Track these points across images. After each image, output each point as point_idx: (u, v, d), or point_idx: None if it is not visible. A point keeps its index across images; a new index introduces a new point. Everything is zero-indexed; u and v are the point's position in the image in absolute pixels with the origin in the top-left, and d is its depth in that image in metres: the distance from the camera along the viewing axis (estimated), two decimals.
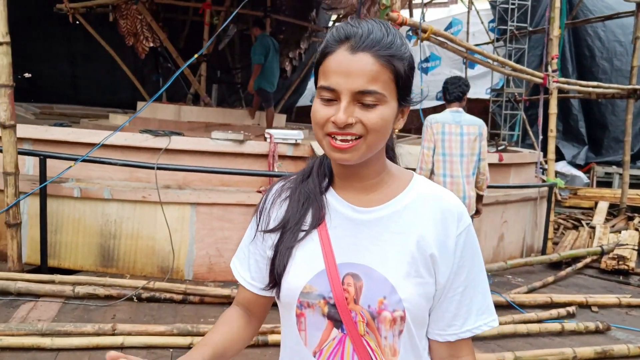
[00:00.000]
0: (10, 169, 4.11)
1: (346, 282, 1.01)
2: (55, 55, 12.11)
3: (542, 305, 4.68)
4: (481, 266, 1.09)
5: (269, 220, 1.12)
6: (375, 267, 1.02)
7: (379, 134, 0.98)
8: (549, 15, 6.59)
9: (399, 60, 0.98)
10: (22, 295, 3.98)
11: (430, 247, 1.03)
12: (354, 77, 0.95)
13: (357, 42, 0.96)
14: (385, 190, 1.08)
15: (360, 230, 1.05)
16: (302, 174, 1.14)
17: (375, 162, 1.06)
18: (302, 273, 1.04)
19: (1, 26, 3.91)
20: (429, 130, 4.21)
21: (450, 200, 1.08)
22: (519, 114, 10.77)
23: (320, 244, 1.04)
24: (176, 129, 6.57)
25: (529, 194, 6.53)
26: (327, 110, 0.98)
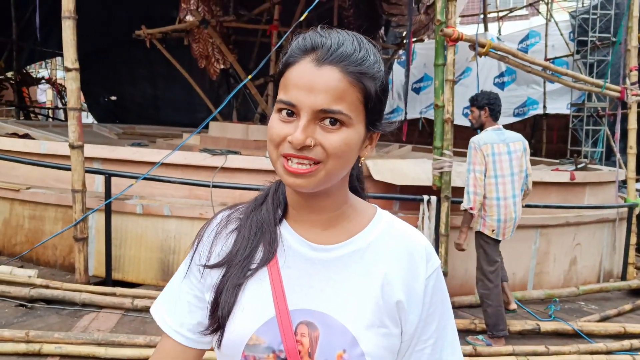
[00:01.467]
0: (78, 186, 4.38)
1: (299, 332, 0.88)
2: (138, 78, 12.90)
3: (613, 336, 4.34)
4: (450, 313, 0.98)
5: (209, 255, 0.95)
6: (333, 314, 0.88)
7: (340, 160, 0.85)
8: (626, 25, 6.19)
9: (371, 80, 0.86)
10: (86, 306, 4.21)
11: (396, 292, 0.91)
12: (316, 93, 0.82)
13: (323, 54, 0.84)
14: (346, 225, 0.95)
15: (317, 270, 0.91)
16: (254, 202, 1.00)
17: (336, 192, 0.93)
18: (249, 320, 0.89)
19: (71, 53, 4.19)
20: (479, 152, 3.96)
21: (417, 238, 0.97)
22: (602, 130, 10.14)
23: (271, 285, 0.90)
24: (243, 147, 6.74)
25: (606, 215, 6.10)
26: (285, 127, 0.85)
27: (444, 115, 4.68)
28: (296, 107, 0.83)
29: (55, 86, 14.04)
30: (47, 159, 5.11)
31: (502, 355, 3.82)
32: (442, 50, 4.63)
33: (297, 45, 0.87)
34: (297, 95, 0.83)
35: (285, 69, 0.87)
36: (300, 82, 0.84)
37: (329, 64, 0.83)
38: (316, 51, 0.85)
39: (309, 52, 0.85)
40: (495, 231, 3.96)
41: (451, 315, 0.98)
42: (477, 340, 4.01)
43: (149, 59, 11.88)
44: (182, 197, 4.97)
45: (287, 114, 0.85)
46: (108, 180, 4.53)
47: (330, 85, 0.83)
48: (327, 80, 0.83)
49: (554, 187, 5.87)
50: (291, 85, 0.84)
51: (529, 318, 4.64)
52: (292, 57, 0.87)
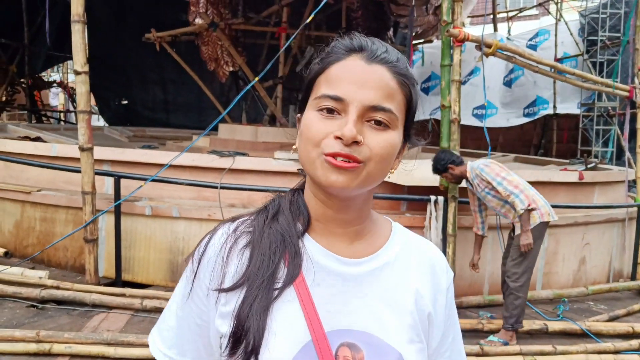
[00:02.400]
0: (87, 188, 4.44)
1: (341, 356, 0.80)
2: (149, 82, 13.02)
3: (622, 335, 4.33)
4: (459, 325, 0.98)
5: (223, 277, 0.84)
6: (374, 332, 0.83)
7: (382, 163, 0.81)
8: (634, 24, 6.16)
9: (413, 87, 0.85)
10: (96, 307, 4.26)
11: (427, 305, 0.89)
12: (369, 88, 0.79)
13: (373, 54, 0.82)
14: (370, 238, 0.90)
15: (350, 287, 0.85)
16: (266, 214, 0.90)
17: (363, 205, 0.88)
18: (283, 348, 0.79)
19: (80, 57, 4.26)
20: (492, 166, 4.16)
21: (435, 251, 0.96)
22: (613, 129, 10.07)
23: (302, 306, 0.81)
24: (252, 149, 6.79)
25: (615, 214, 6.07)
26: (327, 124, 0.79)
27: (451, 116, 4.68)
28: (344, 101, 0.79)
29: (67, 89, 14.20)
30: (58, 162, 5.18)
31: (509, 355, 3.82)
32: (448, 51, 4.64)
33: (342, 44, 0.85)
34: (346, 89, 0.79)
35: (327, 66, 0.83)
36: (351, 76, 0.80)
37: (379, 63, 0.82)
38: (364, 51, 0.83)
39: (356, 52, 0.83)
40: (550, 214, 4.10)
41: (459, 327, 0.98)
42: (493, 343, 4.00)
43: (159, 63, 11.99)
44: (190, 199, 5.01)
45: (328, 111, 0.80)
46: (117, 182, 4.59)
47: (383, 82, 0.81)
48: (380, 76, 0.81)
49: (562, 187, 5.85)
50: (339, 80, 0.81)
51: (537, 318, 4.63)
52: (335, 55, 0.83)
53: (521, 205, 3.91)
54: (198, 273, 0.87)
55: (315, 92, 0.83)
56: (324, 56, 0.85)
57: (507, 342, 4.01)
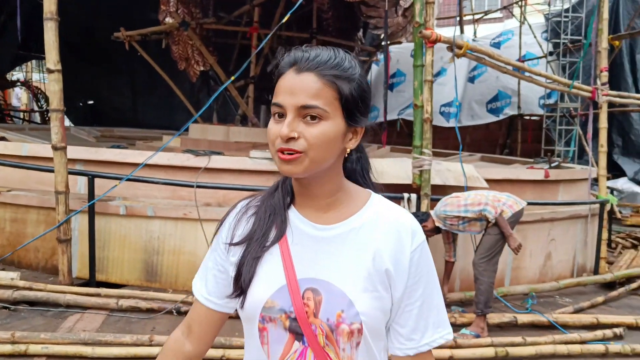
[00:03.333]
0: (61, 188, 4.39)
1: (306, 297, 1.06)
2: (117, 81, 12.83)
3: (587, 326, 4.50)
4: (436, 282, 1.14)
5: (233, 236, 1.15)
6: (333, 282, 1.06)
7: (320, 149, 1.02)
8: (596, 27, 6.40)
9: (344, 81, 1.05)
10: (70, 307, 4.21)
11: (385, 262, 1.08)
12: (297, 93, 1.02)
13: (302, 65, 1.04)
14: (343, 209, 1.13)
15: (320, 246, 1.09)
16: (269, 191, 1.18)
17: (328, 181, 1.11)
18: (264, 288, 1.08)
19: (53, 55, 4.20)
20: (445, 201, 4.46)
21: (404, 218, 1.13)
22: (575, 129, 10.40)
23: (282, 259, 1.08)
24: (224, 149, 6.79)
25: (579, 211, 6.29)
26: (277, 127, 1.04)
27: (423, 115, 4.79)
28: (283, 107, 1.03)
29: (31, 89, 13.86)
30: (28, 161, 5.09)
31: (481, 347, 3.94)
32: (420, 52, 4.75)
33: (285, 61, 1.08)
34: (283, 98, 1.03)
35: (276, 79, 1.08)
36: (285, 87, 1.04)
37: (306, 71, 1.03)
38: (296, 64, 1.05)
39: (292, 65, 1.05)
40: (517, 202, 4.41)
41: (436, 283, 1.15)
42: (465, 336, 4.12)
43: (129, 62, 11.83)
44: (165, 198, 5.00)
45: (278, 115, 1.04)
46: (91, 181, 4.54)
47: (307, 86, 1.02)
48: (305, 82, 1.03)
49: (529, 185, 6.05)
50: (279, 91, 1.05)
51: (507, 311, 4.78)
52: (280, 70, 1.07)
53: (491, 216, 4.22)
54: (220, 233, 1.18)
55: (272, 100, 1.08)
56: (277, 71, 1.09)
57: (479, 335, 4.14)
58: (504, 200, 4.34)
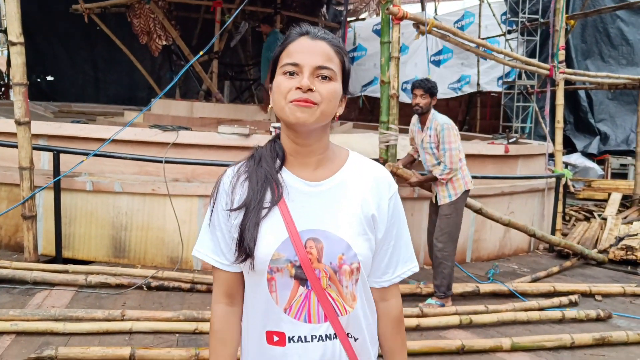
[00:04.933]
0: (25, 163, 4.29)
1: (308, 246, 1.19)
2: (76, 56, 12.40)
3: (545, 294, 4.73)
4: (405, 223, 1.34)
5: (232, 201, 1.24)
6: (331, 230, 1.21)
7: (330, 103, 1.18)
8: (554, 7, 6.59)
9: (344, 54, 1.24)
10: (37, 284, 4.16)
11: (371, 208, 1.26)
12: (314, 54, 1.18)
13: (315, 34, 1.22)
14: (330, 165, 1.28)
15: (314, 201, 1.23)
16: (254, 159, 1.28)
17: (323, 136, 1.25)
18: (270, 243, 1.19)
19: (15, 27, 4.07)
20: (454, 131, 4.36)
21: (381, 170, 1.32)
22: (531, 106, 10.72)
23: (282, 216, 1.20)
24: (188, 124, 6.72)
25: (537, 185, 6.55)
26: (290, 82, 1.17)
27: (390, 91, 4.87)
28: (299, 65, 1.17)
29: None
30: None
31: (446, 315, 4.10)
32: (387, 29, 4.81)
33: (294, 32, 1.23)
34: (300, 57, 1.18)
35: (286, 45, 1.22)
36: (302, 49, 1.19)
37: (319, 39, 1.21)
38: (309, 34, 1.22)
39: (304, 34, 1.22)
40: (471, 182, 4.52)
41: (405, 225, 1.34)
42: (431, 306, 4.27)
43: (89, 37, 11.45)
44: (132, 174, 4.95)
45: (290, 74, 1.17)
46: (57, 157, 4.45)
47: (324, 50, 1.20)
48: (321, 46, 1.20)
49: (490, 160, 6.24)
50: (294, 52, 1.19)
51: (469, 281, 4.97)
52: (291, 38, 1.22)
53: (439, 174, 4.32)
54: (218, 199, 1.27)
55: (280, 64, 1.21)
56: (284, 41, 1.23)
57: (443, 304, 4.30)
58: (465, 173, 4.46)
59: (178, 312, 3.70)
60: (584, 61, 11.79)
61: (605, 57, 11.96)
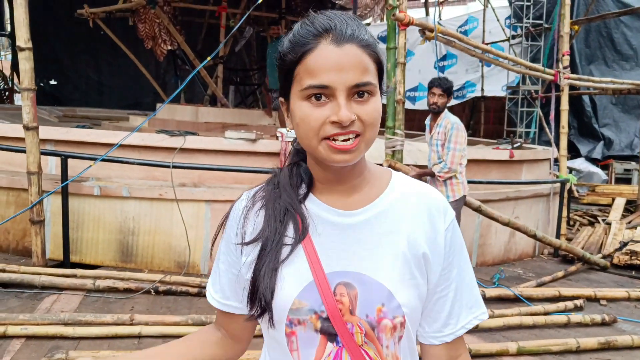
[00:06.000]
0: (33, 168, 4.32)
1: (339, 293, 0.94)
2: (80, 61, 12.49)
3: (550, 299, 4.74)
4: (467, 259, 1.06)
5: (244, 234, 1.02)
6: (368, 273, 0.95)
7: (375, 128, 0.92)
8: (560, 12, 6.61)
9: (377, 48, 0.94)
10: (46, 289, 4.19)
11: (421, 246, 0.99)
12: (347, 70, 0.88)
13: (339, 35, 0.89)
14: (368, 190, 1.02)
15: (347, 235, 0.98)
16: (274, 183, 1.04)
17: (362, 159, 1.00)
18: (289, 288, 0.95)
19: (23, 32, 4.11)
20: (463, 133, 4.41)
21: (434, 195, 1.04)
22: (535, 111, 10.75)
23: (305, 253, 0.96)
24: (194, 129, 6.76)
25: (542, 190, 6.56)
26: (321, 112, 0.89)
27: (396, 97, 4.90)
28: (330, 88, 0.88)
29: None
30: None
31: None
32: (394, 34, 4.84)
33: (307, 32, 0.91)
34: (328, 77, 0.88)
35: (301, 56, 0.90)
36: (328, 64, 0.88)
37: (347, 42, 0.89)
38: (330, 33, 0.89)
39: (324, 36, 0.89)
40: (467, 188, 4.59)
41: (467, 259, 1.06)
42: None
43: (94, 42, 11.52)
44: (139, 179, 4.97)
45: (317, 98, 0.89)
46: (64, 162, 4.48)
47: (357, 61, 0.89)
48: (353, 56, 0.89)
49: (494, 165, 6.26)
50: (319, 69, 0.88)
51: None
52: (307, 45, 0.90)
53: (438, 171, 4.39)
54: (228, 231, 1.04)
55: (298, 82, 0.91)
56: (293, 45, 0.91)
57: None
58: (463, 179, 4.53)
59: (186, 317, 3.72)
60: (587, 66, 11.83)
61: (609, 62, 12.00)
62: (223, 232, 1.06)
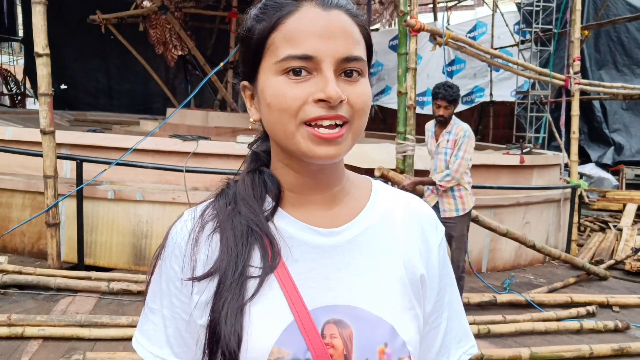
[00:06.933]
0: (49, 172, 4.38)
1: (328, 334, 0.73)
2: (91, 65, 12.61)
3: (562, 305, 4.73)
4: (455, 280, 0.89)
5: (194, 265, 0.76)
6: (362, 305, 0.75)
7: (365, 117, 0.73)
8: (569, 17, 6.62)
9: (367, 27, 0.78)
10: (61, 291, 4.23)
11: (418, 267, 0.81)
12: (336, 38, 0.70)
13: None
14: (350, 201, 0.81)
15: (331, 258, 0.76)
16: (225, 198, 0.80)
17: (341, 162, 0.81)
18: (264, 333, 0.72)
19: (41, 39, 4.18)
20: (473, 142, 4.10)
21: (421, 207, 0.87)
22: (545, 116, 10.73)
23: (281, 286, 0.73)
24: (204, 134, 6.80)
25: (552, 195, 6.56)
26: (302, 88, 0.69)
27: (407, 102, 4.92)
28: (314, 58, 0.69)
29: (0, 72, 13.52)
30: (12, 145, 5.05)
31: None
32: (405, 40, 4.87)
33: None
34: (313, 45, 0.69)
35: (278, 21, 0.71)
36: (314, 28, 0.69)
37: (335, 7, 0.72)
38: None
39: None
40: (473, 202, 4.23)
41: (456, 285, 0.90)
42: None
43: (104, 47, 11.64)
44: (152, 182, 5.03)
45: (295, 72, 0.70)
46: (80, 166, 4.54)
47: (347, 30, 0.71)
48: (343, 23, 0.71)
49: (505, 170, 6.27)
50: (301, 35, 0.69)
51: (485, 291, 4.99)
52: (284, 7, 0.72)
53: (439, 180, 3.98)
54: (170, 265, 0.79)
55: (272, 53, 0.71)
56: (266, 10, 0.73)
57: None
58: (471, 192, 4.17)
59: None
60: (597, 70, 11.80)
61: (619, 66, 11.97)
62: (161, 269, 0.80)
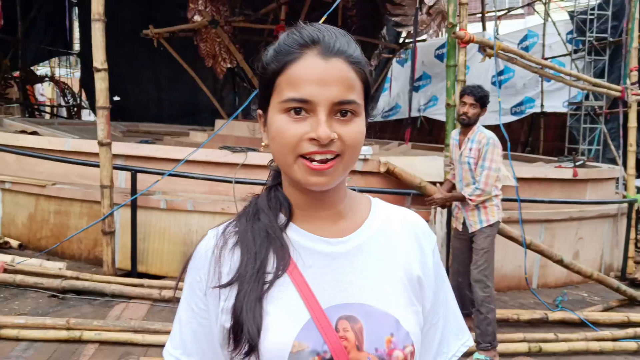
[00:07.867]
0: (106, 182, 4.55)
1: (341, 328, 0.85)
2: (142, 78, 13.01)
3: (618, 324, 4.56)
4: (448, 281, 1.03)
5: (220, 276, 0.88)
6: (370, 302, 0.88)
7: (355, 151, 0.86)
8: (627, 26, 6.42)
9: (366, 67, 0.89)
10: (115, 297, 4.38)
11: (415, 270, 0.94)
12: (331, 85, 0.82)
13: (327, 47, 0.84)
14: (353, 215, 0.95)
15: (340, 264, 0.90)
16: (247, 213, 0.94)
17: (343, 185, 0.94)
18: (285, 329, 0.84)
19: (100, 54, 4.37)
20: (499, 150, 3.81)
21: (415, 219, 1.01)
22: (599, 128, 10.39)
23: (297, 289, 0.86)
24: (251, 145, 6.91)
25: (608, 210, 6.33)
26: (299, 127, 0.83)
27: (455, 115, 4.87)
28: (311, 102, 0.82)
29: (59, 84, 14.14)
30: (71, 156, 5.27)
31: (514, 342, 4.03)
32: (454, 52, 4.83)
33: (293, 41, 0.85)
34: (310, 91, 0.82)
35: (284, 66, 0.84)
36: (312, 76, 0.82)
37: (335, 55, 0.83)
38: (317, 45, 0.84)
39: (310, 47, 0.84)
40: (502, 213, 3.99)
41: (450, 285, 1.03)
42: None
43: (153, 59, 12.00)
44: (202, 193, 5.15)
45: (296, 112, 0.83)
46: (134, 176, 4.70)
47: (342, 76, 0.83)
48: (339, 71, 0.83)
49: (557, 184, 6.11)
50: (301, 81, 0.83)
51: (536, 308, 4.86)
52: (291, 54, 0.84)
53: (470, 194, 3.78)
54: (195, 275, 0.91)
55: (278, 93, 0.85)
56: (277, 54, 0.86)
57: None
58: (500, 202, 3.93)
59: None
60: None
61: None
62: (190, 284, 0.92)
